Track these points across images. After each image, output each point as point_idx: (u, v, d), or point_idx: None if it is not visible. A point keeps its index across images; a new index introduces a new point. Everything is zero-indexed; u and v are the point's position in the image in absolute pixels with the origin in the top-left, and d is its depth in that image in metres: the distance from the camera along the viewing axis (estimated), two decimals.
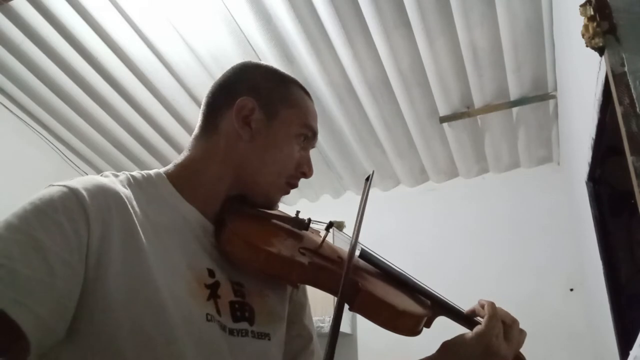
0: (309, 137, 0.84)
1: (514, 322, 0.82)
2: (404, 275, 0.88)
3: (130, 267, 0.64)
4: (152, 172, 0.79)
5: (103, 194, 0.67)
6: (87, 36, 2.37)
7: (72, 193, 0.64)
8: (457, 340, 0.80)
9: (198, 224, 0.76)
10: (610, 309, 1.61)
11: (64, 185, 0.66)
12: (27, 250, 0.58)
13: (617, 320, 1.58)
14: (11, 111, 2.80)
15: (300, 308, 0.89)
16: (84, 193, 0.65)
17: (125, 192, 0.71)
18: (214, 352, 0.68)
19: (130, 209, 0.69)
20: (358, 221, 0.79)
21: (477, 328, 0.79)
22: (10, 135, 2.80)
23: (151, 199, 0.74)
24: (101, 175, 0.73)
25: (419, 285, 0.87)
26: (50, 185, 0.66)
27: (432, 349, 0.83)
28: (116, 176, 0.74)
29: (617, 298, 1.59)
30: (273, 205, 0.84)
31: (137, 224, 0.68)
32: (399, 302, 0.78)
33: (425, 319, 0.81)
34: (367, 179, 0.87)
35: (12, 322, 0.54)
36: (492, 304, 0.82)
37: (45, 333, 0.58)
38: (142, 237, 0.68)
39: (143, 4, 2.22)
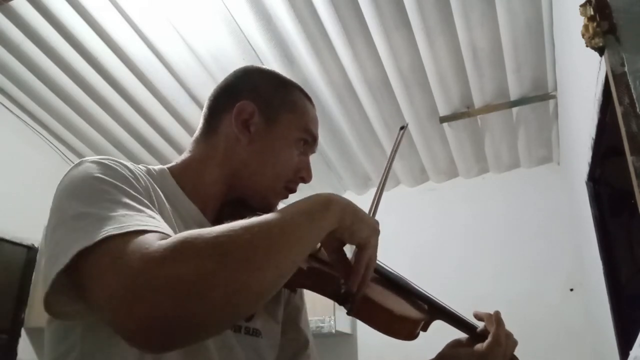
0: (309, 142, 0.84)
1: (509, 335, 0.85)
2: (401, 279, 0.88)
3: None
4: (156, 167, 0.79)
5: (133, 168, 0.69)
6: (87, 36, 2.37)
7: (120, 164, 0.66)
8: (455, 353, 0.85)
9: (199, 222, 0.77)
10: (610, 309, 1.61)
11: (105, 158, 0.66)
12: (140, 204, 0.59)
13: (617, 320, 1.58)
14: (11, 111, 2.80)
15: (296, 312, 0.89)
16: (126, 164, 0.67)
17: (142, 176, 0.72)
18: (223, 340, 0.71)
19: (156, 185, 0.71)
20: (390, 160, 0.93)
21: (478, 349, 0.83)
22: (10, 135, 2.80)
23: (159, 190, 0.74)
24: None
25: (416, 289, 0.88)
26: (84, 162, 0.65)
27: (431, 349, 0.84)
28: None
29: (617, 298, 1.59)
30: (271, 209, 0.84)
31: (166, 203, 0.70)
32: (397, 306, 0.78)
33: (423, 323, 0.82)
34: (402, 127, 0.92)
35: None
36: (497, 319, 0.84)
37: None
38: (171, 216, 0.70)
39: (143, 4, 2.22)
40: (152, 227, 0.55)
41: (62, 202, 0.60)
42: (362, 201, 0.85)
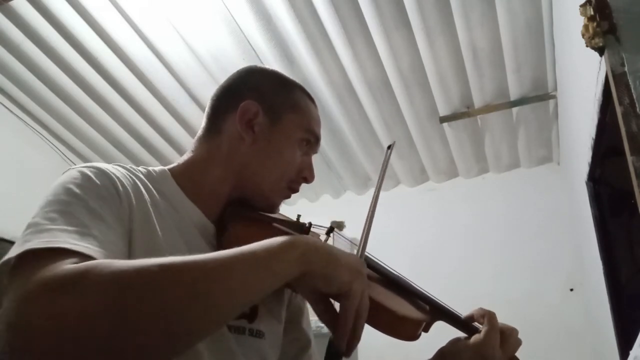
0: (312, 142, 0.85)
1: (512, 331, 0.84)
2: (403, 280, 0.88)
3: (152, 250, 0.65)
4: (157, 168, 0.79)
5: (122, 176, 0.69)
6: (87, 36, 2.37)
7: (101, 171, 0.66)
8: (455, 348, 0.82)
9: (200, 223, 0.77)
10: (610, 309, 1.61)
11: (87, 166, 0.67)
12: (93, 219, 0.59)
13: (617, 320, 1.58)
14: (11, 111, 2.80)
15: (298, 312, 0.90)
16: (111, 172, 0.67)
17: (136, 182, 0.72)
18: (221, 346, 0.69)
19: (145, 194, 0.70)
20: (378, 184, 0.83)
21: (476, 338, 0.81)
22: (10, 135, 2.80)
23: (157, 193, 0.74)
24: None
25: (418, 290, 0.88)
26: (71, 169, 0.66)
27: (431, 350, 0.84)
28: (124, 168, 0.75)
29: (617, 298, 1.59)
30: (274, 208, 0.84)
31: (152, 211, 0.69)
32: (398, 307, 0.79)
33: (424, 324, 0.82)
34: (389, 147, 0.88)
35: None
36: (492, 316, 0.83)
37: None
38: (157, 224, 0.69)
39: (143, 4, 2.22)
40: (81, 247, 0.52)
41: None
42: (362, 201, 0.85)
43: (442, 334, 0.87)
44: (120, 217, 0.63)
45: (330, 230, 0.85)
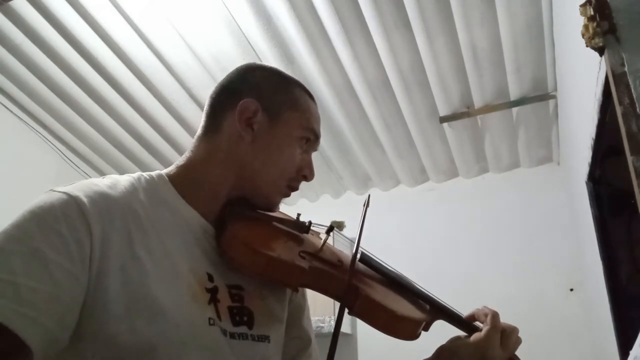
0: (312, 140, 0.84)
1: (513, 330, 0.83)
2: (403, 279, 0.88)
3: (128, 276, 0.64)
4: (154, 173, 0.79)
5: (103, 201, 0.67)
6: (87, 36, 2.37)
7: (73, 200, 0.64)
8: (454, 346, 0.82)
9: (199, 226, 0.76)
10: (610, 309, 1.61)
11: (64, 192, 0.65)
12: (29, 262, 0.58)
13: (617, 320, 1.58)
14: (11, 111, 2.80)
15: (299, 310, 0.89)
16: (85, 200, 0.64)
17: (126, 197, 0.70)
18: (217, 356, 0.68)
19: (130, 215, 0.69)
20: (357, 238, 0.80)
21: (477, 337, 0.80)
22: (10, 135, 2.80)
23: (153, 201, 0.73)
24: (102, 178, 0.73)
25: (418, 289, 0.88)
26: (50, 191, 0.66)
27: (432, 349, 0.84)
28: (117, 180, 0.74)
29: (617, 298, 1.59)
30: (273, 207, 0.84)
31: (136, 231, 0.68)
32: (398, 306, 0.78)
33: (424, 323, 0.81)
34: (365, 204, 0.87)
35: (12, 335, 0.54)
36: (495, 316, 0.83)
37: (52, 343, 0.58)
38: (142, 243, 0.67)
39: (143, 4, 2.22)
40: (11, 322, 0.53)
41: None
42: (363, 201, 0.85)
43: (442, 333, 0.87)
44: (81, 254, 0.61)
45: (330, 230, 0.85)
